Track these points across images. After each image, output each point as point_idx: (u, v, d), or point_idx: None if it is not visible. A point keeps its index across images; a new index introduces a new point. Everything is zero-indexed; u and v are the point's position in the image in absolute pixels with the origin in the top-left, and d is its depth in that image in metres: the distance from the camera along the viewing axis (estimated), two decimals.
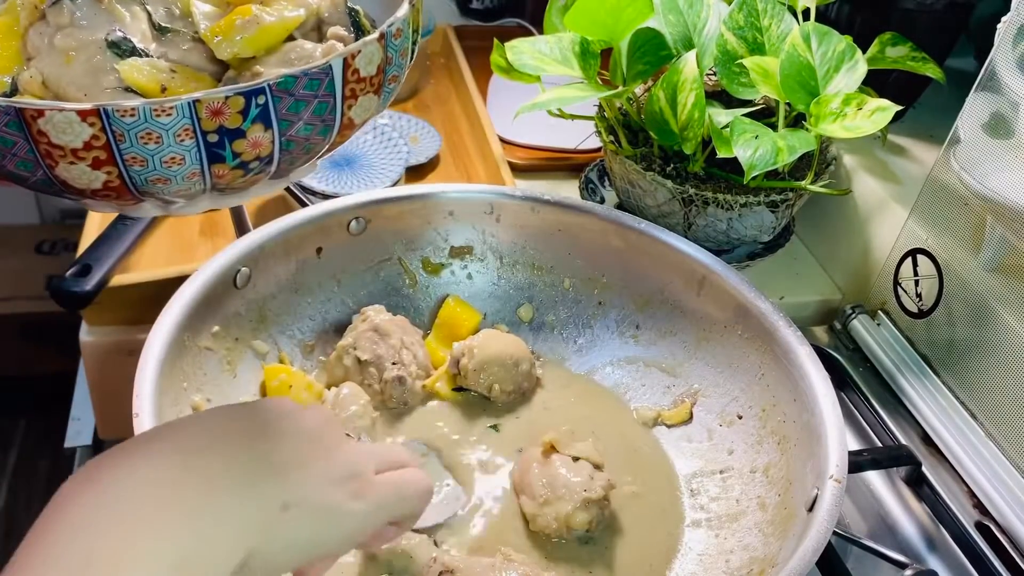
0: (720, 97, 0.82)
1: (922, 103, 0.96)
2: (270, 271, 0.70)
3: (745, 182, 0.70)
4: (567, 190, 0.97)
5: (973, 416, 0.73)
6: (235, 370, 0.67)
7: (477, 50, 1.14)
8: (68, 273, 0.76)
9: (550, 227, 0.77)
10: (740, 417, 0.68)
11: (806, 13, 0.78)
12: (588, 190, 0.93)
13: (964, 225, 0.73)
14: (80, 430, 0.95)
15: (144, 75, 0.41)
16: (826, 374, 0.62)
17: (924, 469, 0.72)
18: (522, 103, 0.78)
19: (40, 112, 0.36)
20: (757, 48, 0.78)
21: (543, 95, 0.78)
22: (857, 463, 0.70)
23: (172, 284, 0.64)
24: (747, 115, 0.75)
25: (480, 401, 0.73)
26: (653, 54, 0.78)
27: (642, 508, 0.66)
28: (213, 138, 0.39)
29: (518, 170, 1.00)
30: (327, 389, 0.69)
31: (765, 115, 0.80)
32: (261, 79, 0.39)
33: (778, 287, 0.89)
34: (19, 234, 1.91)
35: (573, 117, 0.86)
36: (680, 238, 0.73)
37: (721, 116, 0.76)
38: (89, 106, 0.36)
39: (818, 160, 0.80)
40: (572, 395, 0.75)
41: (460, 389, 0.73)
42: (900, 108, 0.71)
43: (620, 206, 0.87)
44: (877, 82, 0.80)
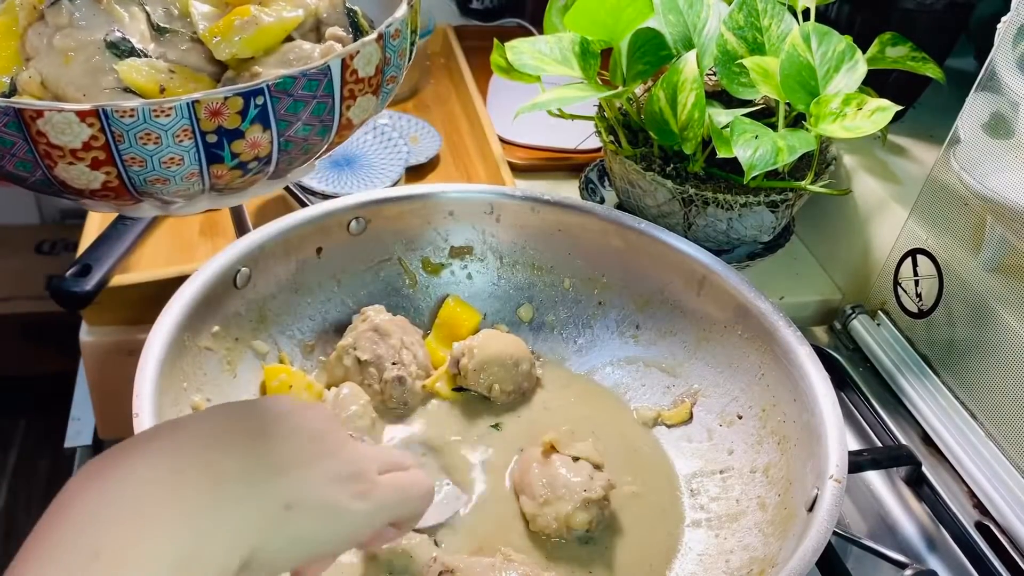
0: (720, 97, 0.82)
1: (922, 103, 0.95)
2: (270, 271, 0.70)
3: (745, 182, 0.70)
4: (567, 190, 0.97)
5: (973, 416, 0.73)
6: (235, 370, 0.67)
7: (477, 50, 1.14)
8: (68, 273, 0.76)
9: (550, 227, 0.77)
10: (740, 417, 0.68)
11: (806, 13, 0.78)
12: (588, 190, 0.93)
13: (964, 225, 0.73)
14: (80, 430, 0.95)
15: (143, 75, 0.41)
16: (826, 374, 0.62)
17: (924, 469, 0.72)
18: (522, 103, 0.78)
19: (39, 112, 0.36)
20: (757, 48, 0.78)
21: (543, 95, 0.78)
22: (857, 463, 0.70)
23: (172, 284, 0.64)
24: (747, 115, 0.75)
25: (480, 401, 0.73)
26: (653, 54, 0.78)
27: (642, 508, 0.66)
28: (212, 138, 0.39)
29: (518, 170, 1.00)
30: (327, 389, 0.69)
31: (765, 115, 0.80)
32: (260, 80, 0.39)
33: (778, 287, 0.89)
34: (19, 234, 1.91)
35: (573, 117, 0.86)
36: (680, 238, 0.73)
37: (721, 116, 0.76)
38: (88, 107, 0.36)
39: (818, 160, 0.80)
40: (572, 395, 0.75)
41: (460, 389, 0.73)
42: (900, 108, 0.71)
43: (620, 206, 0.87)
44: (877, 82, 0.80)
